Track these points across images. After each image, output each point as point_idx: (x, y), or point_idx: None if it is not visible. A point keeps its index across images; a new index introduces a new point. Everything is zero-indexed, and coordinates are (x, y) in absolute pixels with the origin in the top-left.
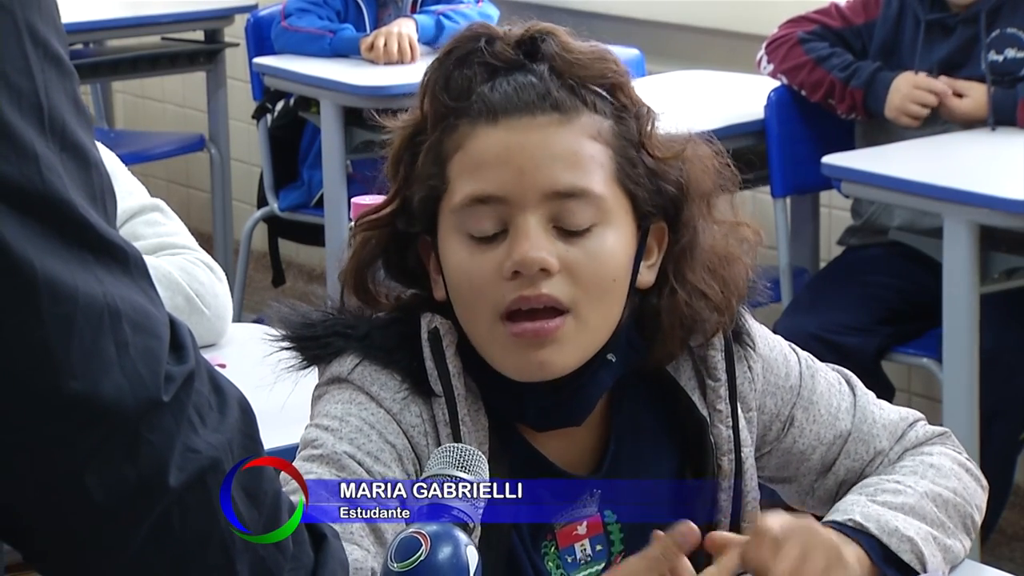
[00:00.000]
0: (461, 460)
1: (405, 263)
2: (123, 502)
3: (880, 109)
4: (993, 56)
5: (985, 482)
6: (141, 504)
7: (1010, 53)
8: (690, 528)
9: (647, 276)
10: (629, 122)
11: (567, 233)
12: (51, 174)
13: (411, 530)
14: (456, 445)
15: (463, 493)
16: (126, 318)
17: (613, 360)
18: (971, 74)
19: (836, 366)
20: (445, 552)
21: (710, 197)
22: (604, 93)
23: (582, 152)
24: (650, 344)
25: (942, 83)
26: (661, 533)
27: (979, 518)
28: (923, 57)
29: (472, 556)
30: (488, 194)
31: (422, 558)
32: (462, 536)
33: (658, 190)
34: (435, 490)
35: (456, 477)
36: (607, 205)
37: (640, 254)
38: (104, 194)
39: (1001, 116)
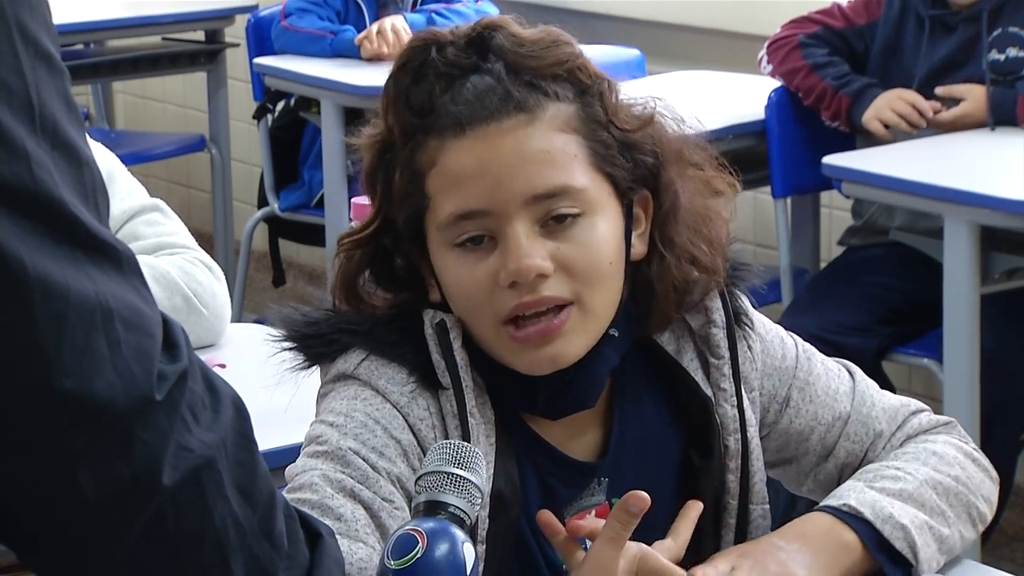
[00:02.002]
0: (458, 457)
1: (393, 272)
2: (117, 500)
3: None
4: (994, 55)
5: (995, 473)
6: (135, 502)
7: (1012, 52)
8: (638, 497)
9: (639, 247)
10: (593, 103)
11: (555, 231)
12: (42, 172)
13: (407, 527)
14: (453, 442)
15: (460, 490)
16: (118, 316)
17: (615, 335)
18: (972, 73)
19: (838, 359)
20: (442, 549)
21: (680, 154)
22: (563, 77)
23: (554, 148)
24: (646, 312)
25: (939, 91)
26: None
27: (986, 508)
28: (925, 56)
29: (469, 553)
30: (470, 210)
31: (419, 556)
32: (459, 533)
33: (635, 163)
34: (432, 487)
35: (453, 474)
36: (590, 195)
37: (629, 227)
38: (96, 192)
39: (1000, 116)
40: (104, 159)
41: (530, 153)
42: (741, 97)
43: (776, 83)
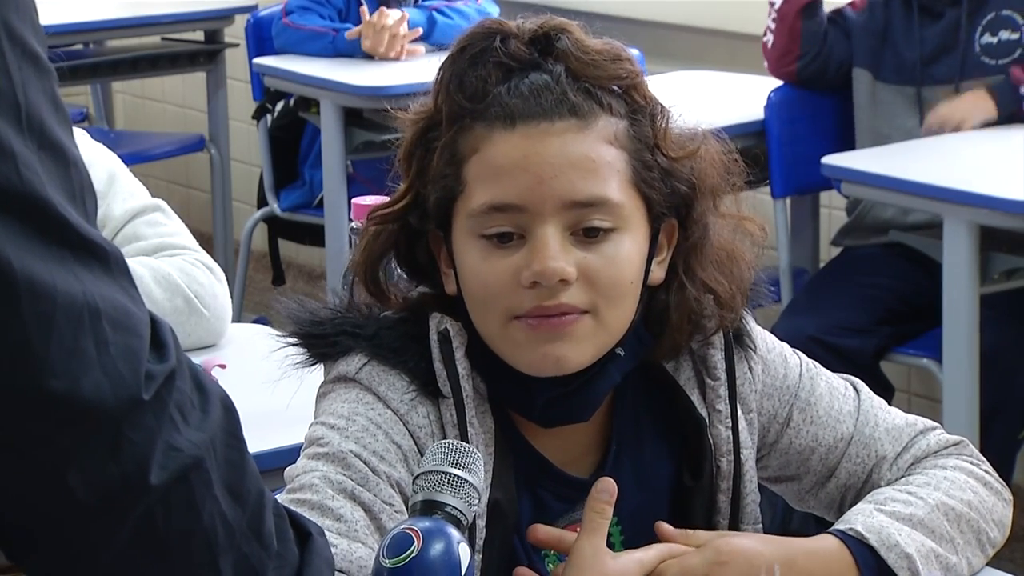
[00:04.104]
0: (456, 457)
1: (415, 257)
2: (106, 500)
3: None
4: (987, 38)
5: (1008, 495)
6: (124, 502)
7: (1004, 35)
8: (607, 481)
9: (658, 273)
10: (643, 122)
11: (585, 240)
12: (29, 172)
13: (403, 526)
14: (452, 442)
15: (457, 490)
16: (106, 316)
17: (622, 354)
18: (966, 56)
19: (846, 375)
20: (437, 549)
21: (717, 192)
22: (619, 93)
23: (599, 159)
24: (657, 339)
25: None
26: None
27: (997, 533)
28: (917, 42)
29: (464, 553)
30: (506, 203)
31: (414, 555)
32: (454, 533)
33: (671, 190)
34: (429, 486)
35: (451, 474)
36: (624, 212)
37: (652, 252)
38: (84, 192)
39: (1004, 109)
40: (105, 159)
41: (576, 158)
42: (741, 97)
43: (776, 83)
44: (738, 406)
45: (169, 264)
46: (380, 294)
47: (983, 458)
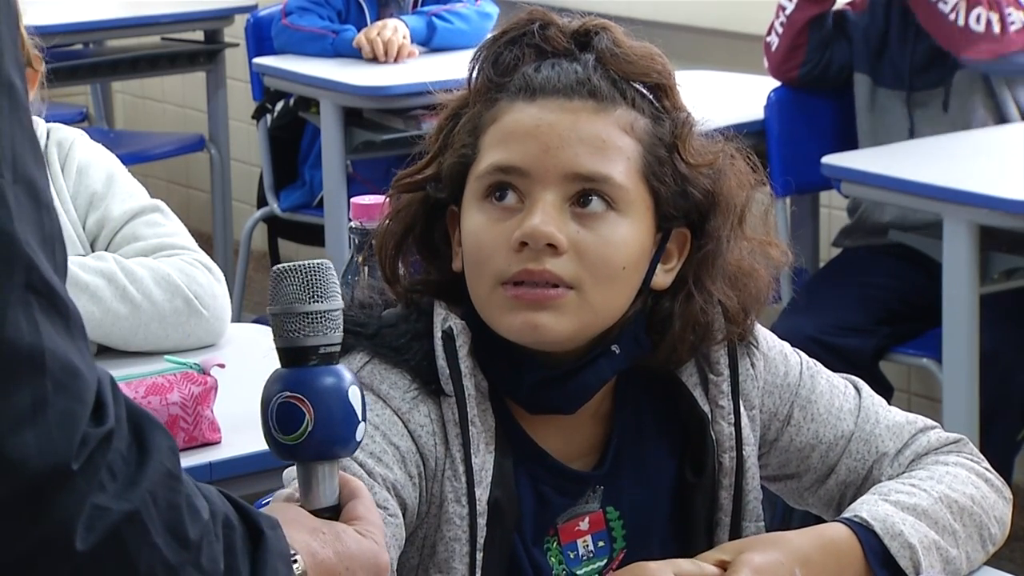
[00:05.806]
0: (309, 288)
1: (432, 235)
2: (25, 563)
3: None
4: None
5: (1008, 493)
6: (46, 565)
7: None
8: None
9: (663, 278)
10: (664, 123)
11: (581, 215)
12: None
13: (286, 395)
14: (297, 272)
15: (324, 325)
16: (51, 376)
17: (616, 352)
18: (954, 63)
19: (846, 374)
20: (330, 408)
21: (743, 212)
22: (646, 92)
23: (609, 141)
24: (658, 345)
25: None
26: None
27: (997, 530)
28: (911, 51)
29: (355, 397)
30: (511, 165)
31: (309, 427)
32: (346, 376)
33: (684, 194)
34: (293, 332)
35: (309, 312)
36: (627, 196)
37: (659, 255)
38: (54, 241)
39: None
40: (105, 160)
41: (585, 135)
42: (741, 97)
43: (776, 83)
44: (740, 402)
45: (168, 265)
46: (393, 276)
47: (982, 456)
